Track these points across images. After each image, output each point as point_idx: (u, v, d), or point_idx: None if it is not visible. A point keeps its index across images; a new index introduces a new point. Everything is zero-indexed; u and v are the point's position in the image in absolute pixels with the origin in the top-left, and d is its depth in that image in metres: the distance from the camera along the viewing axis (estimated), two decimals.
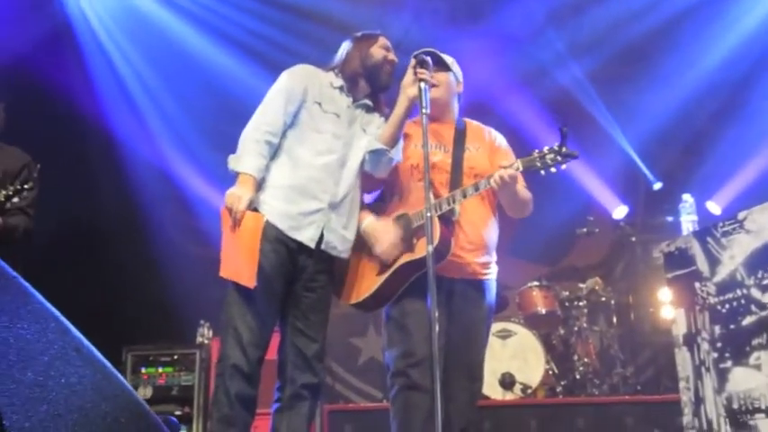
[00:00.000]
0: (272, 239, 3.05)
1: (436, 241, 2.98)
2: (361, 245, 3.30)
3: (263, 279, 3.00)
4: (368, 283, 3.24)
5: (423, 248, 2.99)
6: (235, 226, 2.99)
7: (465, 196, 3.12)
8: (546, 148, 3.01)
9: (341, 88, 3.31)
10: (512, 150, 3.46)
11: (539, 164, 3.01)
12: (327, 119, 3.22)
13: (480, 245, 3.27)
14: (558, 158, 2.98)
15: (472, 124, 3.50)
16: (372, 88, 3.35)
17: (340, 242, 3.19)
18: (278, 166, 3.18)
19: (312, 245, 3.10)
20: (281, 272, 3.07)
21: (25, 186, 3.41)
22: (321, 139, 3.19)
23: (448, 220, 3.15)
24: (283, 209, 3.10)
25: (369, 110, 3.37)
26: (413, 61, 3.13)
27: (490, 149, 3.39)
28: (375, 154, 3.24)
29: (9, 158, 3.70)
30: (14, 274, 1.16)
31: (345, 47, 3.40)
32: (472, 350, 3.26)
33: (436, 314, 2.72)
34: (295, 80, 3.26)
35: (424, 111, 2.93)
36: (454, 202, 3.12)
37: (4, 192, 3.40)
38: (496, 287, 3.41)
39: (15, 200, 3.42)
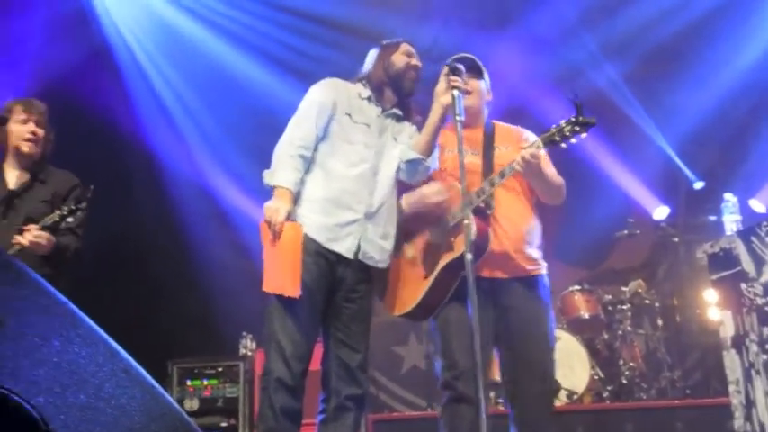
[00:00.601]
0: (312, 252, 3.08)
1: (473, 235, 2.98)
2: (403, 254, 3.30)
3: (304, 292, 3.02)
4: (413, 291, 3.23)
5: (461, 245, 2.98)
6: (275, 239, 3.01)
7: (493, 185, 3.11)
8: (563, 122, 2.96)
9: (369, 98, 3.33)
10: None
11: (558, 137, 2.96)
12: (358, 129, 3.24)
13: (520, 239, 3.23)
14: (577, 128, 2.92)
15: (500, 125, 3.50)
16: (398, 96, 3.37)
17: (378, 252, 3.20)
18: (312, 179, 3.20)
19: (350, 255, 3.12)
20: (322, 284, 3.09)
21: (80, 206, 3.48)
22: (353, 150, 3.21)
23: (483, 214, 3.14)
24: (320, 221, 3.12)
25: (399, 119, 3.38)
26: (445, 69, 3.13)
27: (518, 145, 3.37)
28: (411, 163, 3.25)
29: (58, 181, 3.77)
30: (65, 299, 1.19)
31: (371, 56, 3.43)
32: (534, 349, 3.17)
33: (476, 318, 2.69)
34: (324, 93, 3.29)
35: (458, 118, 2.92)
36: (484, 193, 3.11)
37: (58, 212, 3.48)
38: None
39: (70, 220, 3.49)
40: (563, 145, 2.98)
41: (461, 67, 3.10)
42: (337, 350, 3.14)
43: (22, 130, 3.69)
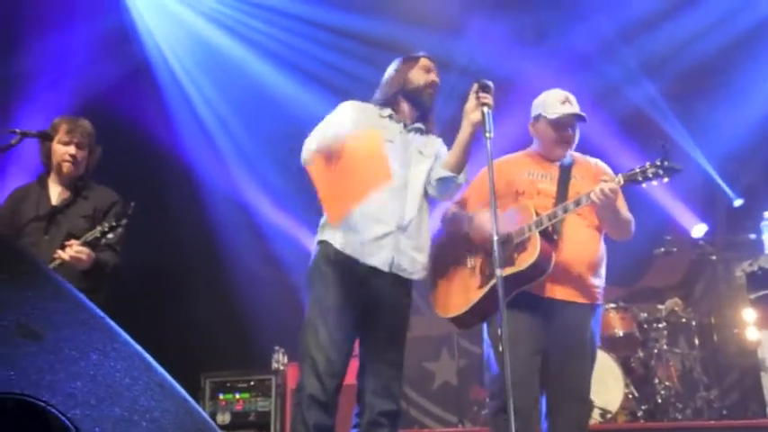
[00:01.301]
0: (344, 268, 3.09)
1: (536, 255, 3.05)
2: (462, 259, 3.32)
3: (337, 308, 3.03)
4: (467, 297, 3.27)
5: (523, 262, 3.06)
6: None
7: (566, 211, 3.13)
8: (648, 164, 3.02)
9: (390, 116, 3.34)
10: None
11: (640, 178, 3.02)
12: (383, 148, 3.24)
13: (584, 266, 3.24)
14: (661, 172, 2.98)
15: (579, 158, 3.53)
16: (417, 109, 3.37)
17: (410, 264, 3.19)
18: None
19: (386, 268, 3.12)
20: (356, 300, 3.10)
21: (120, 223, 3.54)
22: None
23: (549, 237, 3.16)
24: (353, 238, 3.13)
25: (422, 133, 3.39)
26: (475, 86, 3.13)
27: (595, 177, 3.37)
28: (443, 181, 3.26)
29: (99, 197, 3.84)
30: (102, 314, 1.21)
31: (390, 68, 3.44)
32: (575, 374, 3.21)
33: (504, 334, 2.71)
34: (348, 108, 3.32)
35: (488, 135, 2.93)
36: (555, 217, 3.12)
37: (99, 228, 3.54)
38: None
39: (110, 236, 3.55)
40: (643, 185, 3.05)
41: (491, 84, 3.10)
42: (373, 365, 3.14)
43: (63, 150, 3.76)
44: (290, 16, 6.99)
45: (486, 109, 2.99)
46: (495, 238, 2.76)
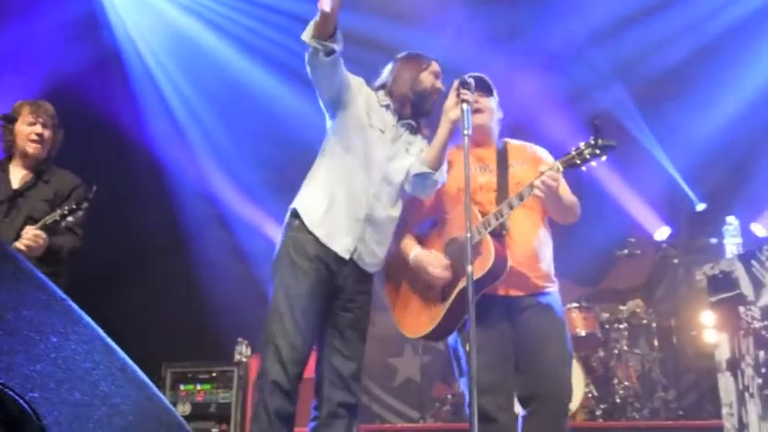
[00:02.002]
0: (313, 257, 3.08)
1: (492, 259, 3.00)
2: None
3: (304, 297, 3.03)
4: (431, 313, 3.22)
5: (478, 268, 2.99)
6: None
7: (512, 207, 3.09)
8: (582, 144, 2.96)
9: (387, 106, 3.33)
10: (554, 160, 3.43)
11: (578, 160, 2.96)
12: (373, 133, 3.24)
13: (533, 255, 3.23)
14: (597, 151, 2.92)
15: (512, 143, 3.50)
16: (416, 113, 3.37)
17: (369, 256, 3.19)
18: (322, 170, 3.23)
19: (346, 255, 3.12)
20: (321, 290, 3.09)
21: (80, 206, 3.51)
22: (365, 152, 3.21)
23: (499, 236, 3.14)
24: (321, 212, 3.12)
25: (412, 130, 3.38)
26: (455, 83, 3.14)
27: (533, 163, 3.36)
28: (420, 177, 3.26)
29: (61, 181, 3.82)
30: (63, 295, 1.19)
31: (394, 65, 3.40)
32: (550, 367, 3.14)
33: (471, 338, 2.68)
34: (361, 82, 3.31)
35: (465, 132, 2.91)
36: (502, 215, 3.10)
37: (59, 211, 3.51)
38: None
39: (70, 219, 3.51)
40: (583, 168, 2.99)
41: (471, 81, 3.10)
42: (332, 358, 3.14)
43: (29, 131, 3.74)
44: (265, 7, 6.94)
45: (465, 106, 2.99)
46: (468, 235, 2.75)
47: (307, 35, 2.98)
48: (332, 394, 3.10)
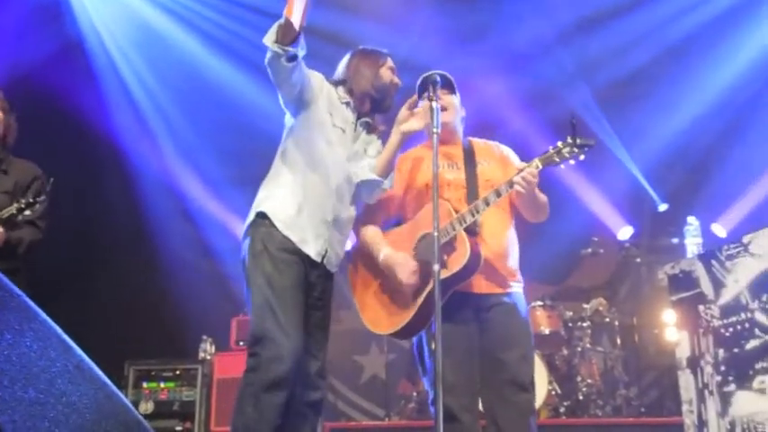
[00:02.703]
0: (292, 251, 3.05)
1: (467, 254, 3.00)
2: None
3: (290, 288, 3.00)
4: (401, 311, 3.20)
5: (454, 264, 3.00)
6: None
7: (488, 203, 3.09)
8: (560, 143, 2.98)
9: (347, 104, 3.30)
10: (519, 160, 3.45)
11: (557, 158, 2.98)
12: (335, 132, 3.22)
13: (504, 254, 3.25)
14: (575, 150, 2.94)
15: (478, 142, 3.51)
16: (374, 110, 3.36)
17: (335, 258, 3.20)
18: (287, 171, 3.18)
19: (318, 259, 3.10)
20: (302, 283, 3.07)
21: (38, 199, 3.43)
22: (330, 152, 3.18)
23: (473, 232, 3.13)
24: (292, 217, 3.08)
25: (369, 129, 3.37)
26: (413, 97, 3.14)
27: (501, 161, 3.39)
28: (369, 184, 3.23)
29: (21, 171, 3.73)
30: (19, 291, 1.16)
31: (351, 61, 3.36)
32: (513, 363, 3.13)
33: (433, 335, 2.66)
34: (321, 79, 3.27)
35: (435, 131, 2.89)
36: (478, 212, 3.09)
37: (16, 204, 3.43)
38: None
39: (27, 212, 3.44)
40: (561, 166, 3.01)
41: (438, 80, 3.09)
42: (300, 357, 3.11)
43: None
44: (232, 1, 6.89)
45: (434, 104, 2.96)
46: (436, 234, 2.73)
47: (269, 39, 2.90)
48: (297, 392, 3.07)
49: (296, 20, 2.82)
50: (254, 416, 2.89)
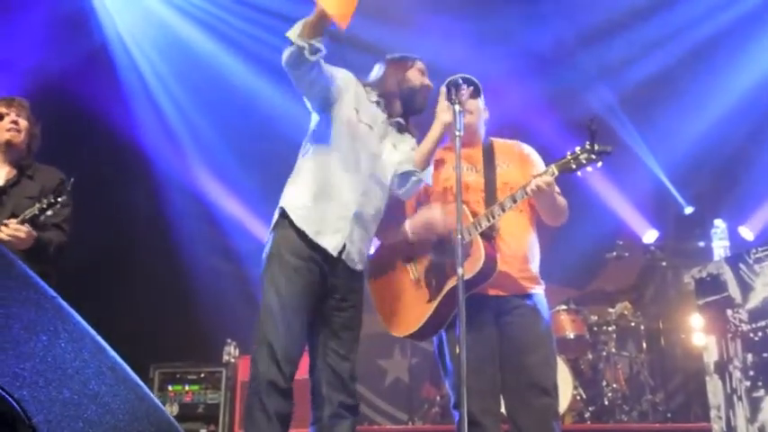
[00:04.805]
0: (306, 257, 3.06)
1: (482, 261, 3.00)
2: (404, 272, 3.29)
3: (296, 295, 3.01)
4: (419, 311, 3.21)
5: (471, 268, 2.99)
6: None
7: (504, 210, 3.09)
8: (578, 149, 2.96)
9: (377, 103, 3.32)
10: (542, 160, 3.44)
11: (573, 165, 2.97)
12: (361, 128, 3.22)
13: (522, 256, 3.24)
14: (593, 157, 2.93)
15: (499, 142, 3.51)
16: (405, 110, 3.37)
17: (358, 255, 3.17)
18: (308, 165, 3.19)
19: (335, 253, 3.09)
20: (313, 290, 3.07)
21: (59, 199, 3.46)
22: (353, 148, 3.18)
23: (489, 237, 3.14)
24: (308, 209, 3.09)
25: (400, 129, 3.38)
26: (442, 88, 3.14)
27: (521, 162, 3.38)
28: (405, 175, 3.26)
29: (47, 176, 3.77)
30: (53, 293, 1.18)
31: (381, 67, 3.40)
32: (535, 367, 3.13)
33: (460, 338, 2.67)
34: (350, 77, 3.28)
35: (457, 133, 2.91)
36: (494, 217, 3.10)
37: (38, 205, 3.46)
38: None
39: (49, 213, 3.47)
40: (578, 173, 2.99)
41: (463, 83, 3.10)
42: (328, 359, 3.11)
43: (4, 121, 3.70)
44: (255, 7, 6.93)
45: (456, 107, 2.99)
46: (459, 237, 2.74)
47: (293, 33, 2.93)
48: (332, 396, 3.06)
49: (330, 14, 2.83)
50: (264, 420, 2.91)
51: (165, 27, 7.04)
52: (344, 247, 3.10)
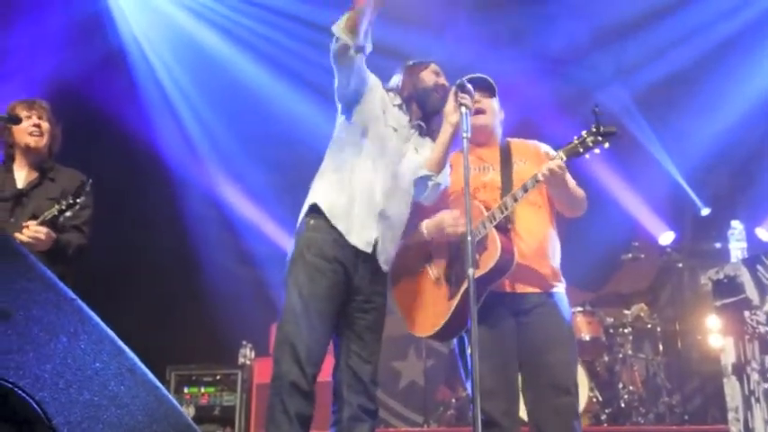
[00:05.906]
0: (331, 258, 3.06)
1: (498, 253, 2.99)
2: (423, 271, 3.29)
3: (319, 296, 3.01)
4: (441, 309, 3.19)
5: (487, 262, 2.99)
6: None
7: (516, 199, 3.09)
8: (584, 132, 2.98)
9: (399, 106, 3.35)
10: None
11: (581, 149, 2.98)
12: (387, 130, 3.26)
13: (541, 252, 3.22)
14: (599, 139, 2.94)
15: (515, 141, 3.51)
16: (423, 112, 3.39)
17: (386, 254, 3.19)
18: (336, 167, 3.21)
19: (369, 249, 3.10)
20: (337, 292, 3.07)
21: (78, 200, 3.49)
22: (380, 150, 3.21)
23: (504, 230, 3.13)
24: (343, 207, 3.11)
25: (422, 132, 3.40)
26: (453, 88, 3.15)
27: (537, 159, 3.36)
28: (423, 180, 3.26)
29: (67, 178, 3.80)
30: (73, 295, 1.19)
31: (399, 74, 3.45)
32: (556, 366, 3.09)
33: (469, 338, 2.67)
34: (373, 76, 3.32)
35: (465, 135, 2.92)
36: (507, 208, 3.09)
37: (57, 206, 3.49)
38: None
39: (68, 214, 3.50)
40: (586, 156, 3.00)
41: (470, 85, 3.11)
42: (350, 361, 3.11)
43: (26, 124, 3.73)
44: (273, 11, 6.96)
45: (464, 109, 3.00)
46: (469, 238, 2.74)
47: (337, 28, 2.99)
48: (352, 398, 3.07)
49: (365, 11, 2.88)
50: (286, 422, 2.91)
51: (181, 30, 7.08)
52: (376, 242, 3.12)
